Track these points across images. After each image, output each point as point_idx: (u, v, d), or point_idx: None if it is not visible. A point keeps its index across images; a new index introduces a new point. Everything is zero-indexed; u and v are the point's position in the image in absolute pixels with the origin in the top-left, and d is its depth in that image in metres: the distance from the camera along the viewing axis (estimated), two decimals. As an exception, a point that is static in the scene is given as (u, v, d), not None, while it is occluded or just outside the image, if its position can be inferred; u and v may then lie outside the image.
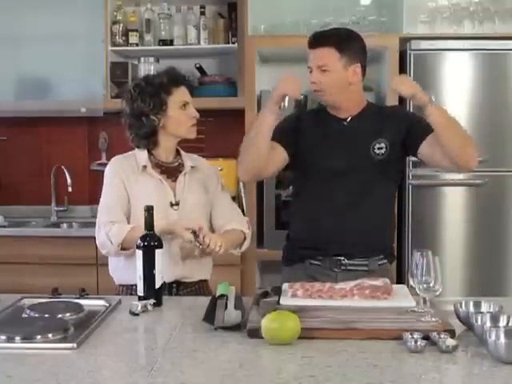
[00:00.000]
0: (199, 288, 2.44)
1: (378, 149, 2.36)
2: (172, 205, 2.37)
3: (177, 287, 2.37)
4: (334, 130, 2.41)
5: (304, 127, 2.44)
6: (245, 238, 2.47)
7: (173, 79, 2.40)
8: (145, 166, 2.38)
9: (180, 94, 2.40)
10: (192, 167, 2.45)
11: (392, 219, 2.55)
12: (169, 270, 2.26)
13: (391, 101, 3.44)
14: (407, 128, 2.38)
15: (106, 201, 2.39)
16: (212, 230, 2.44)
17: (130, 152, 2.46)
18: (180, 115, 2.39)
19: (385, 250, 2.46)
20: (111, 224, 2.30)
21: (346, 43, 2.33)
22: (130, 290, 2.33)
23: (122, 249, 2.29)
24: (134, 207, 2.35)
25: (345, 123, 2.41)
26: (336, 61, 2.31)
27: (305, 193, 2.47)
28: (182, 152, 2.50)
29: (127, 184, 2.37)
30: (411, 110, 3.32)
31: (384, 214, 2.47)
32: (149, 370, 1.53)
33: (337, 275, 2.37)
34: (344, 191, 2.34)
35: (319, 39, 2.34)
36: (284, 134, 2.40)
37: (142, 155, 2.41)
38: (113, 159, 2.46)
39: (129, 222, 2.34)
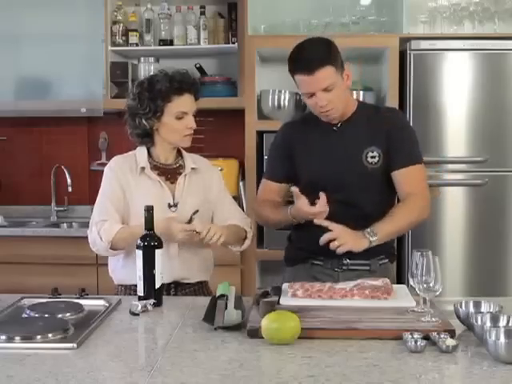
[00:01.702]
0: (198, 289, 2.44)
1: (371, 157, 2.32)
2: (170, 206, 2.36)
3: (175, 288, 2.37)
4: (325, 139, 2.37)
5: (295, 144, 2.41)
6: (246, 238, 2.47)
7: (176, 87, 2.32)
8: (143, 168, 2.37)
9: (179, 104, 2.34)
10: (193, 168, 2.44)
11: None
12: (167, 271, 2.25)
13: (391, 101, 3.45)
14: (390, 144, 2.33)
15: (101, 200, 2.38)
16: None
17: (130, 152, 2.45)
18: (174, 124, 2.34)
19: (386, 250, 2.45)
20: (103, 222, 2.30)
21: (333, 54, 2.27)
22: (128, 290, 2.33)
23: (113, 248, 2.29)
24: (132, 208, 2.34)
25: (334, 128, 2.37)
26: (335, 76, 2.24)
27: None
28: (184, 153, 2.48)
29: (125, 185, 2.36)
30: (411, 114, 3.35)
31: (383, 216, 2.46)
32: (149, 370, 1.53)
33: (339, 275, 2.36)
34: (341, 200, 2.30)
35: (313, 63, 2.21)
36: (278, 169, 2.45)
37: (141, 156, 2.40)
38: (112, 159, 2.45)
39: (128, 223, 2.34)
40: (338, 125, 2.37)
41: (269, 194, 2.48)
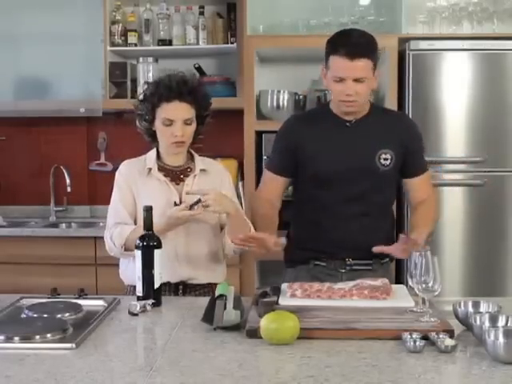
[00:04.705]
0: (208, 291, 2.36)
1: (384, 159, 2.34)
2: (176, 204, 2.34)
3: (183, 289, 2.34)
4: (337, 133, 2.37)
5: (303, 136, 2.39)
6: None
7: (161, 93, 2.28)
8: (150, 169, 2.37)
9: (166, 111, 2.29)
10: (202, 170, 2.41)
11: (393, 219, 2.54)
12: (173, 270, 2.25)
13: (390, 101, 3.45)
14: (407, 152, 2.39)
15: (113, 205, 2.40)
16: (221, 228, 2.40)
17: (142, 156, 2.44)
18: (162, 129, 2.31)
19: (387, 250, 2.46)
20: (115, 226, 2.32)
21: (375, 51, 2.30)
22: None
23: (128, 250, 2.28)
24: (140, 209, 2.32)
25: (348, 124, 2.37)
26: (370, 71, 2.27)
27: (306, 197, 2.43)
28: (196, 156, 2.45)
29: (134, 187, 2.37)
30: (410, 114, 3.35)
31: (385, 216, 2.46)
32: (148, 370, 1.53)
33: (342, 275, 2.36)
34: (345, 198, 2.32)
35: (358, 50, 2.22)
36: (282, 161, 2.43)
37: (150, 157, 2.40)
38: (122, 163, 2.44)
39: (136, 224, 2.34)
40: (352, 121, 2.37)
41: (271, 186, 2.46)
